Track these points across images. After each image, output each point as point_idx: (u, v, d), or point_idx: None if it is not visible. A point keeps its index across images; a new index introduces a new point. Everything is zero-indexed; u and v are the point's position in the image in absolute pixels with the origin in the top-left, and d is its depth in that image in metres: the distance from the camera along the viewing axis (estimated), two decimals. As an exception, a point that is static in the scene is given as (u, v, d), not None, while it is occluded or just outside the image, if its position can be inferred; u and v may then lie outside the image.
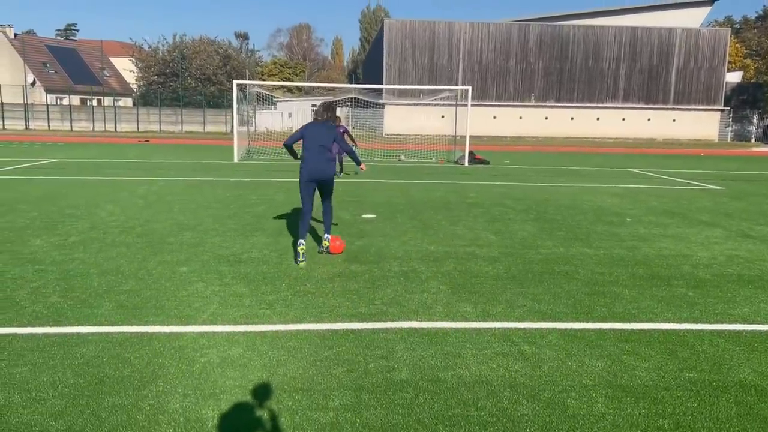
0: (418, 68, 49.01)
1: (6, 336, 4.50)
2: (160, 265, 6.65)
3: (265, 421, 3.34)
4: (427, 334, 4.72)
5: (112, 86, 61.06)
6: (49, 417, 3.33)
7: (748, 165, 25.55)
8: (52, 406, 3.44)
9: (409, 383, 3.84)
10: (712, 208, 11.87)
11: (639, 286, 6.16)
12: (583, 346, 4.51)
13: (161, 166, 19.40)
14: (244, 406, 3.51)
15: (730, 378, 4.01)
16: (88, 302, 5.32)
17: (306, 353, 4.29)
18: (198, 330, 4.71)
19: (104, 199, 11.52)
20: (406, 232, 8.84)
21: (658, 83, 49.51)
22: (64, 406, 3.44)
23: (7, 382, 3.74)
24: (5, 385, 3.69)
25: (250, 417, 3.38)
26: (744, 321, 5.18)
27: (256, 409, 3.47)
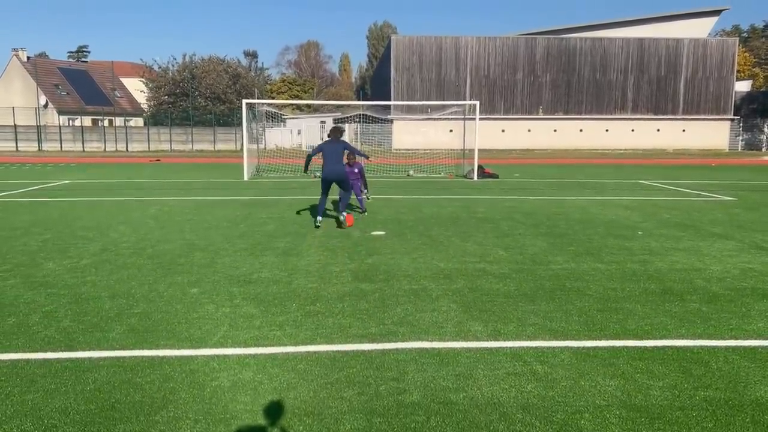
0: (425, 83, 49.22)
1: (19, 361, 4.53)
2: (171, 287, 6.67)
3: (276, 446, 3.33)
4: (438, 354, 4.70)
5: (123, 106, 61.77)
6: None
7: (760, 175, 25.36)
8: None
9: (420, 406, 3.81)
10: (724, 220, 11.77)
11: (652, 302, 6.10)
12: (596, 364, 4.47)
13: (172, 185, 19.54)
14: (255, 431, 3.49)
15: (746, 396, 3.95)
16: (100, 326, 5.34)
17: (316, 375, 4.28)
18: (209, 353, 4.72)
19: (116, 220, 11.61)
20: (416, 249, 8.83)
21: (666, 94, 49.41)
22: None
23: (19, 409, 3.75)
24: (17, 413, 3.70)
25: (261, 442, 3.37)
26: (759, 336, 5.12)
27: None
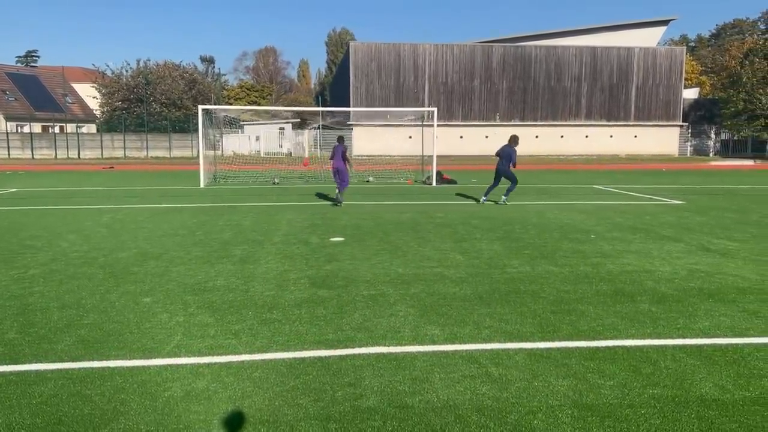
0: (384, 90, 49.42)
1: (-41, 376, 4.35)
2: (123, 297, 6.52)
3: (229, 456, 3.28)
4: (395, 359, 4.71)
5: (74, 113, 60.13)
6: (3, 461, 3.21)
7: (708, 179, 26.27)
8: (8, 450, 3.32)
9: (376, 411, 3.81)
10: (674, 223, 12.15)
11: (603, 303, 6.25)
12: (549, 365, 4.55)
13: (126, 193, 19.11)
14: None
15: (692, 393, 4.08)
16: (48, 337, 5.18)
17: (272, 383, 4.23)
18: (161, 363, 4.62)
19: (66, 229, 11.28)
20: (374, 255, 8.84)
21: (619, 101, 50.78)
22: (20, 449, 3.33)
23: (-41, 425, 3.61)
24: (-42, 429, 3.55)
25: (214, 452, 3.32)
26: (705, 335, 5.29)
27: (220, 443, 3.41)
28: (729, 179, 25.88)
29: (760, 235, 10.61)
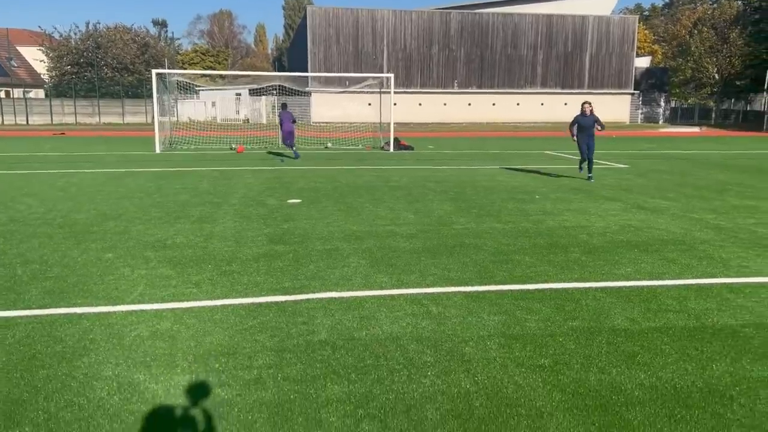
0: (342, 56, 49.16)
1: (-68, 323, 4.60)
2: (85, 253, 6.76)
3: (193, 381, 3.67)
4: (346, 302, 5.14)
5: (21, 77, 57.94)
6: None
7: (655, 144, 27.34)
8: (-13, 381, 3.63)
9: (327, 343, 4.25)
10: (614, 185, 12.86)
11: (539, 254, 6.80)
12: (483, 304, 5.06)
13: (80, 158, 18.90)
14: (174, 369, 3.82)
15: (605, 324, 4.64)
16: (14, 289, 5.43)
17: (232, 324, 4.62)
18: (126, 309, 4.95)
19: (21, 193, 11.28)
20: (330, 215, 9.22)
21: (573, 69, 51.76)
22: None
23: (-62, 362, 3.89)
24: (-63, 365, 3.84)
25: (179, 378, 3.70)
26: (625, 279, 5.89)
27: (185, 372, 3.79)
28: (674, 145, 27.00)
29: (691, 195, 11.38)
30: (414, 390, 3.56)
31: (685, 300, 5.23)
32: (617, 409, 3.36)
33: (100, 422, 3.19)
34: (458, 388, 3.58)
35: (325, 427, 3.16)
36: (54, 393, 3.50)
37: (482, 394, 3.51)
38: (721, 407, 3.39)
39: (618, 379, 3.71)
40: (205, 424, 3.18)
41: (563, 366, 3.89)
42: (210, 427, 3.16)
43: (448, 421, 3.22)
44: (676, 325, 4.64)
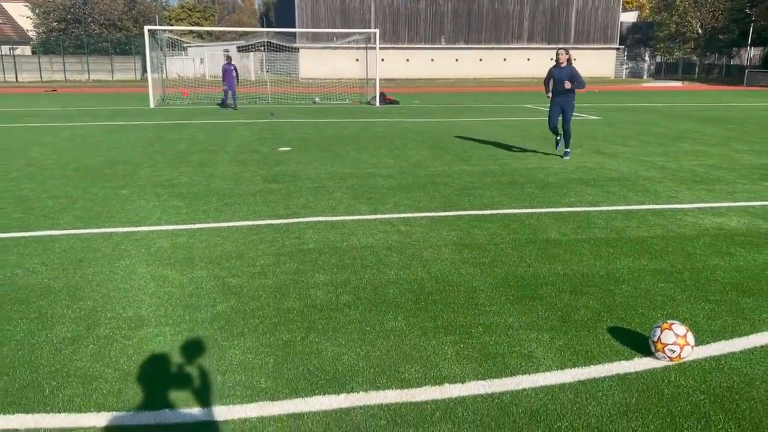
0: (330, 11, 49.18)
1: (-11, 240, 5.60)
2: (103, 190, 7.74)
3: (210, 273, 4.71)
4: (331, 223, 6.18)
5: (6, 33, 57.35)
6: (48, 280, 4.56)
7: (633, 98, 28.24)
8: (47, 276, 4.66)
9: (314, 250, 5.30)
10: (582, 134, 13.86)
11: (499, 189, 7.86)
12: (443, 225, 6.12)
13: (77, 113, 19.62)
14: (194, 267, 4.86)
15: (540, 236, 5.72)
16: (50, 216, 6.43)
17: (237, 238, 5.66)
18: (148, 229, 5.97)
19: (30, 143, 12.15)
20: (317, 160, 10.20)
21: (559, 24, 52.08)
22: (57, 275, 4.67)
23: (4, 266, 4.90)
24: (4, 267, 4.85)
25: (199, 272, 4.74)
26: (567, 205, 6.96)
27: (202, 269, 4.83)
28: (652, 99, 27.91)
29: (649, 142, 12.42)
30: (381, 278, 4.63)
31: (612, 220, 6.31)
32: (533, 287, 4.45)
33: (143, 299, 4.23)
34: (415, 276, 4.66)
35: (313, 298, 4.23)
36: (104, 282, 4.54)
37: (432, 280, 4.59)
38: (613, 285, 4.48)
39: (539, 271, 4.79)
40: (223, 298, 4.23)
41: (499, 263, 4.97)
42: (227, 299, 4.21)
43: (404, 294, 4.30)
44: (598, 236, 5.72)
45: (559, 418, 2.82)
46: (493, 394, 3.02)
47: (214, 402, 2.96)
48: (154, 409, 2.90)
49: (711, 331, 3.74)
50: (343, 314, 3.96)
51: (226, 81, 21.22)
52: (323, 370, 3.26)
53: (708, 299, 4.22)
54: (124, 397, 3.00)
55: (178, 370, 3.26)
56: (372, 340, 3.60)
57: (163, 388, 3.08)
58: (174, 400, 2.97)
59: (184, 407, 2.91)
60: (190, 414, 2.86)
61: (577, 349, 3.49)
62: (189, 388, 3.08)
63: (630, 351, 3.47)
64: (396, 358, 3.38)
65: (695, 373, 3.22)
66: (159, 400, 2.97)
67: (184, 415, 2.85)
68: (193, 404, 2.94)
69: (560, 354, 3.44)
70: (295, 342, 3.58)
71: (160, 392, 3.04)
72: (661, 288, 4.43)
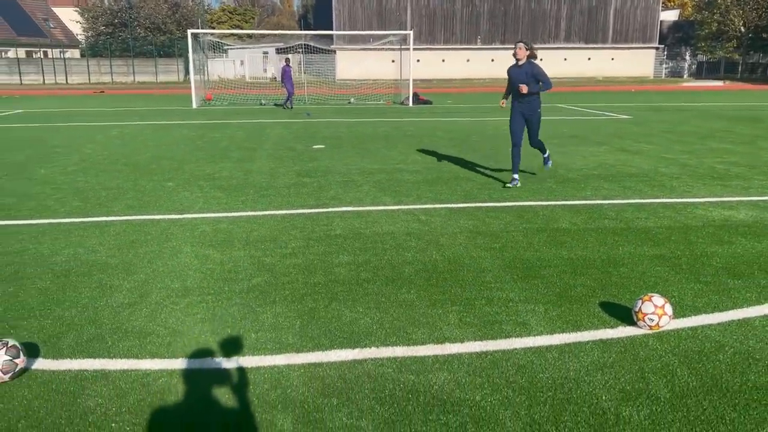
0: (367, 13, 49.85)
1: (52, 224, 6.28)
2: (151, 182, 8.42)
3: (247, 253, 5.27)
4: (357, 213, 6.69)
5: (57, 37, 59.87)
6: (106, 257, 5.18)
7: (670, 98, 28.05)
8: (105, 254, 5.28)
9: (340, 236, 5.82)
10: (609, 132, 14.09)
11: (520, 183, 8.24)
12: (461, 214, 6.57)
13: (125, 113, 20.64)
14: (233, 248, 5.43)
15: (551, 226, 6.12)
16: (104, 205, 7.11)
17: (271, 225, 6.22)
18: (192, 216, 6.58)
19: (82, 141, 13.02)
20: (349, 157, 10.74)
21: (597, 23, 51.66)
22: (113, 253, 5.29)
23: (67, 244, 5.56)
24: (68, 245, 5.51)
25: (237, 253, 5.30)
26: (582, 198, 7.32)
27: (240, 249, 5.39)
28: (689, 99, 27.67)
29: (675, 140, 12.59)
30: (399, 259, 5.11)
31: (623, 212, 6.66)
32: (537, 268, 4.87)
33: (189, 274, 4.81)
34: (430, 258, 5.13)
35: (337, 274, 4.74)
36: (153, 259, 5.14)
37: (445, 261, 5.06)
38: (612, 268, 4.87)
39: (545, 255, 5.21)
40: (258, 274, 4.77)
41: (509, 248, 5.41)
42: (261, 274, 4.75)
43: (418, 273, 4.77)
44: (607, 226, 6.09)
45: (541, 371, 3.26)
46: (486, 352, 3.48)
47: (248, 353, 3.49)
48: (199, 357, 3.45)
49: (695, 307, 4.11)
50: (362, 288, 4.46)
51: (285, 82, 22.15)
52: (341, 330, 3.76)
53: (699, 281, 4.58)
54: (173, 348, 3.55)
55: (218, 329, 3.80)
56: (386, 308, 4.09)
57: (206, 342, 3.63)
58: (215, 351, 3.51)
59: (223, 356, 3.45)
60: (229, 361, 3.40)
61: (567, 319, 3.92)
62: (228, 342, 3.62)
63: (615, 321, 3.88)
64: (405, 323, 3.86)
65: (671, 340, 3.62)
66: (203, 351, 3.52)
67: (224, 362, 3.39)
68: (231, 354, 3.48)
69: (552, 323, 3.87)
70: (319, 309, 4.09)
71: (204, 345, 3.59)
72: (657, 271, 4.81)
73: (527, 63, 7.82)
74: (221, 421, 2.85)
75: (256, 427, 2.80)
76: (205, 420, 2.86)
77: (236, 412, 2.92)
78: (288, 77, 22.08)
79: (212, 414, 2.91)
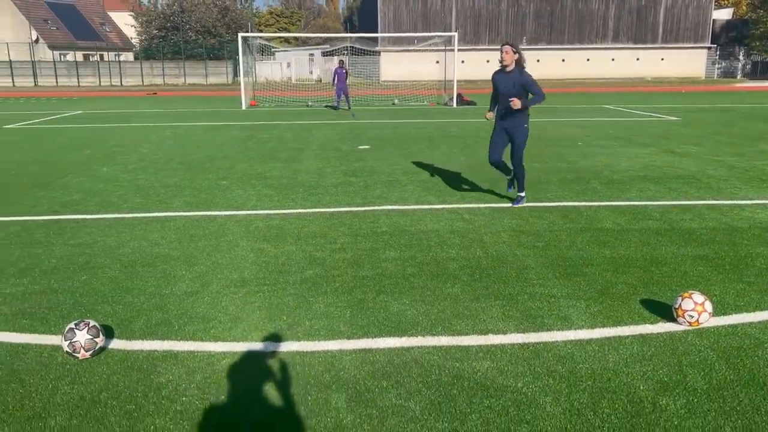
0: (412, 15, 50.07)
1: (116, 218, 6.70)
2: (206, 181, 8.82)
3: (298, 248, 5.54)
4: (402, 211, 6.91)
5: (113, 41, 62.07)
6: (168, 249, 5.53)
7: (721, 99, 27.35)
8: (167, 246, 5.63)
9: (386, 232, 6.04)
10: (656, 134, 13.93)
11: (563, 185, 8.33)
12: (505, 214, 6.71)
13: (177, 114, 21.37)
14: (285, 242, 5.71)
15: (594, 226, 6.20)
16: (164, 201, 7.52)
17: (320, 221, 6.49)
18: (246, 213, 6.91)
19: (139, 141, 13.62)
20: (393, 157, 10.97)
21: (646, 23, 50.62)
22: (174, 246, 5.64)
23: (133, 236, 5.94)
24: (133, 238, 5.89)
25: (289, 247, 5.58)
26: (627, 200, 7.36)
27: (292, 244, 5.67)
28: (742, 100, 26.93)
29: (724, 142, 12.39)
30: (443, 255, 5.31)
31: (667, 213, 6.69)
32: (579, 266, 4.99)
33: (246, 266, 5.10)
34: (473, 255, 5.31)
35: (383, 268, 4.97)
36: (212, 252, 5.46)
37: (489, 258, 5.22)
38: (654, 267, 4.96)
39: (588, 254, 5.32)
40: (310, 267, 5.04)
41: (552, 247, 5.53)
42: (312, 267, 5.01)
43: (462, 269, 4.96)
44: (651, 227, 6.14)
45: (581, 361, 3.41)
46: (528, 343, 3.65)
47: (303, 338, 3.74)
48: (258, 341, 3.72)
49: (736, 305, 4.18)
50: (408, 282, 4.68)
51: (337, 84, 22.38)
52: (389, 320, 3.98)
53: (741, 280, 4.63)
54: (234, 332, 3.84)
55: (275, 316, 4.07)
56: (431, 301, 4.29)
57: (264, 327, 3.90)
58: (273, 335, 3.78)
59: (280, 341, 3.71)
60: (285, 345, 3.66)
61: (608, 315, 4.04)
62: (284, 328, 3.89)
63: (656, 317, 3.99)
64: (450, 315, 4.06)
65: (710, 336, 3.71)
66: (262, 335, 3.79)
67: (281, 345, 3.65)
68: (287, 339, 3.74)
69: (593, 318, 4.00)
70: (367, 300, 4.32)
71: (263, 330, 3.86)
72: (700, 270, 4.87)
73: (516, 71, 6.62)
74: (280, 397, 3.10)
75: (312, 404, 3.04)
76: (265, 397, 3.12)
77: (294, 390, 3.17)
78: (341, 79, 22.38)
79: (271, 392, 3.16)
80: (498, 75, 6.83)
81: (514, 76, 6.61)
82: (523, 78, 6.58)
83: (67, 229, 6.25)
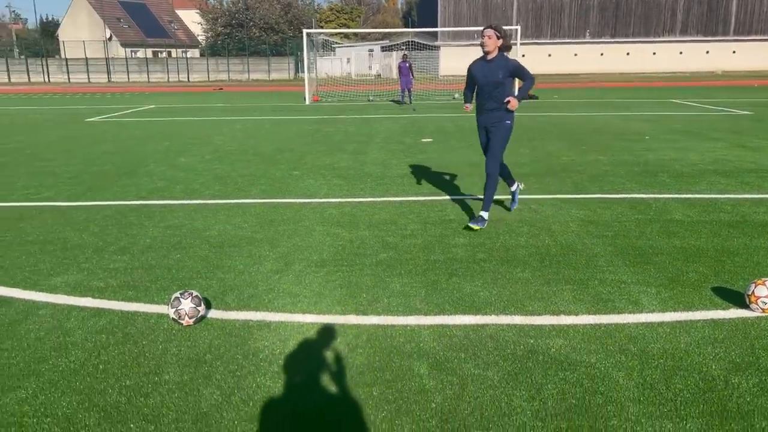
0: (472, 8, 49.79)
1: (200, 204, 7.15)
2: (279, 171, 9.23)
3: (371, 233, 5.82)
4: (469, 201, 7.09)
5: (180, 38, 64.31)
6: (251, 233, 5.90)
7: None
8: (249, 230, 6.01)
9: (454, 220, 6.25)
10: (727, 128, 13.56)
11: (631, 177, 8.31)
12: (572, 205, 6.80)
13: (244, 109, 22.11)
14: (358, 228, 6.00)
15: (664, 217, 6.23)
16: (242, 189, 7.94)
17: (390, 209, 6.75)
18: (319, 201, 7.25)
19: (211, 134, 14.24)
20: (455, 150, 11.13)
21: (717, 14, 48.68)
22: (257, 230, 6.01)
23: (216, 221, 6.35)
24: (218, 223, 6.30)
25: (362, 233, 5.87)
26: (696, 193, 7.31)
27: (364, 230, 5.95)
28: (819, 93, 25.67)
29: (802, 137, 11.97)
30: (512, 242, 5.47)
31: (739, 206, 6.63)
32: (649, 255, 5.07)
33: (324, 248, 5.41)
34: (542, 243, 5.45)
35: (454, 254, 5.18)
36: (292, 235, 5.80)
37: (558, 246, 5.36)
38: (726, 257, 4.98)
39: (657, 244, 5.38)
40: (383, 250, 5.30)
41: (621, 236, 5.61)
42: (386, 251, 5.27)
43: (532, 255, 5.12)
44: (722, 219, 6.12)
45: (653, 342, 3.54)
46: (600, 324, 3.80)
47: (383, 313, 4.00)
48: (341, 314, 4.00)
49: (811, 295, 4.18)
50: (479, 266, 4.87)
51: (402, 78, 22.67)
52: (463, 300, 4.20)
53: (817, 272, 4.61)
54: (319, 306, 4.13)
55: (355, 293, 4.35)
56: (502, 284, 4.48)
57: (346, 302, 4.18)
58: (355, 309, 4.05)
59: (360, 314, 3.98)
60: (367, 318, 3.93)
61: (679, 300, 4.13)
62: (364, 303, 4.16)
63: (727, 304, 4.06)
64: (522, 297, 4.24)
65: (784, 323, 3.76)
66: (345, 309, 4.07)
67: (363, 318, 3.92)
68: (369, 313, 4.01)
69: (664, 303, 4.10)
70: (440, 281, 4.55)
71: (345, 304, 4.14)
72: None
73: (499, 56, 5.80)
74: (367, 363, 3.37)
75: (397, 370, 3.29)
76: (353, 362, 3.39)
77: (378, 357, 3.43)
78: (405, 72, 22.63)
79: (358, 357, 3.43)
80: (477, 65, 5.96)
81: (499, 62, 5.76)
82: (509, 63, 5.73)
83: (156, 213, 6.73)
